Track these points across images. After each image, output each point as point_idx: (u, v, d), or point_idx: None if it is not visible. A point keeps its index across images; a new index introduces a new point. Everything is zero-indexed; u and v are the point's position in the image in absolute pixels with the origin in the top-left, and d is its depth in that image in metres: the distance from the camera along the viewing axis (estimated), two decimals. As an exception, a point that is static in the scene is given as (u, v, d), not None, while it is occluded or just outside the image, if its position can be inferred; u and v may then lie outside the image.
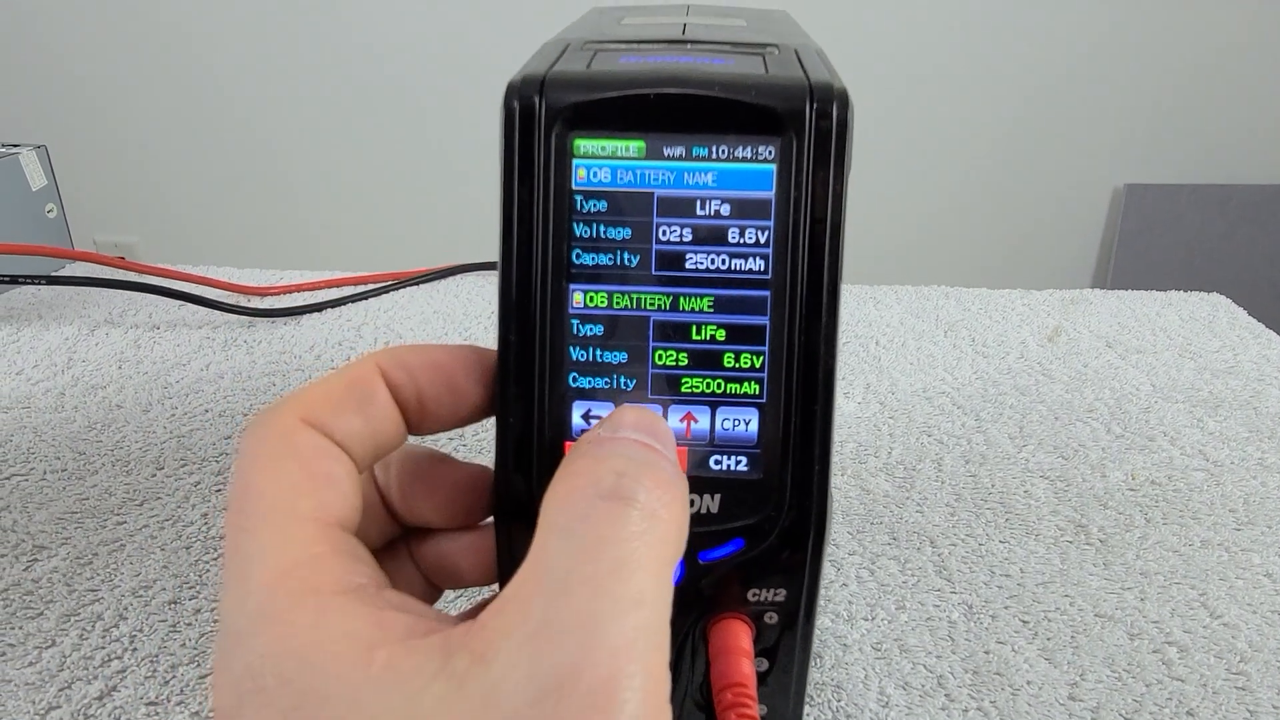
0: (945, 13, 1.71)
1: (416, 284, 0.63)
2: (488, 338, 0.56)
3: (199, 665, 0.31)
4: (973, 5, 1.71)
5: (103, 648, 0.32)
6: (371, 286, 0.62)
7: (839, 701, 0.30)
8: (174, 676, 0.30)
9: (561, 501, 0.16)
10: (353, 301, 0.60)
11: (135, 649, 0.32)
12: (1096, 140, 1.80)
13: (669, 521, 0.16)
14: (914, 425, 0.47)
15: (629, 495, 0.16)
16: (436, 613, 0.17)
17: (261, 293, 0.61)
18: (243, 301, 0.59)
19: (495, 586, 0.20)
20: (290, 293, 0.61)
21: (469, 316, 0.59)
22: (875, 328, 0.58)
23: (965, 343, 0.56)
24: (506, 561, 0.19)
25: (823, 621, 0.34)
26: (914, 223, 1.86)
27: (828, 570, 0.36)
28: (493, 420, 0.19)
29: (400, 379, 0.19)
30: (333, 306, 0.60)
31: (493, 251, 0.64)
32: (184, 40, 1.79)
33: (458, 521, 0.21)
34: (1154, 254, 1.84)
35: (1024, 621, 0.34)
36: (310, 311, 0.59)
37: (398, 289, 0.63)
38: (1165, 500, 0.41)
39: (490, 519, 0.20)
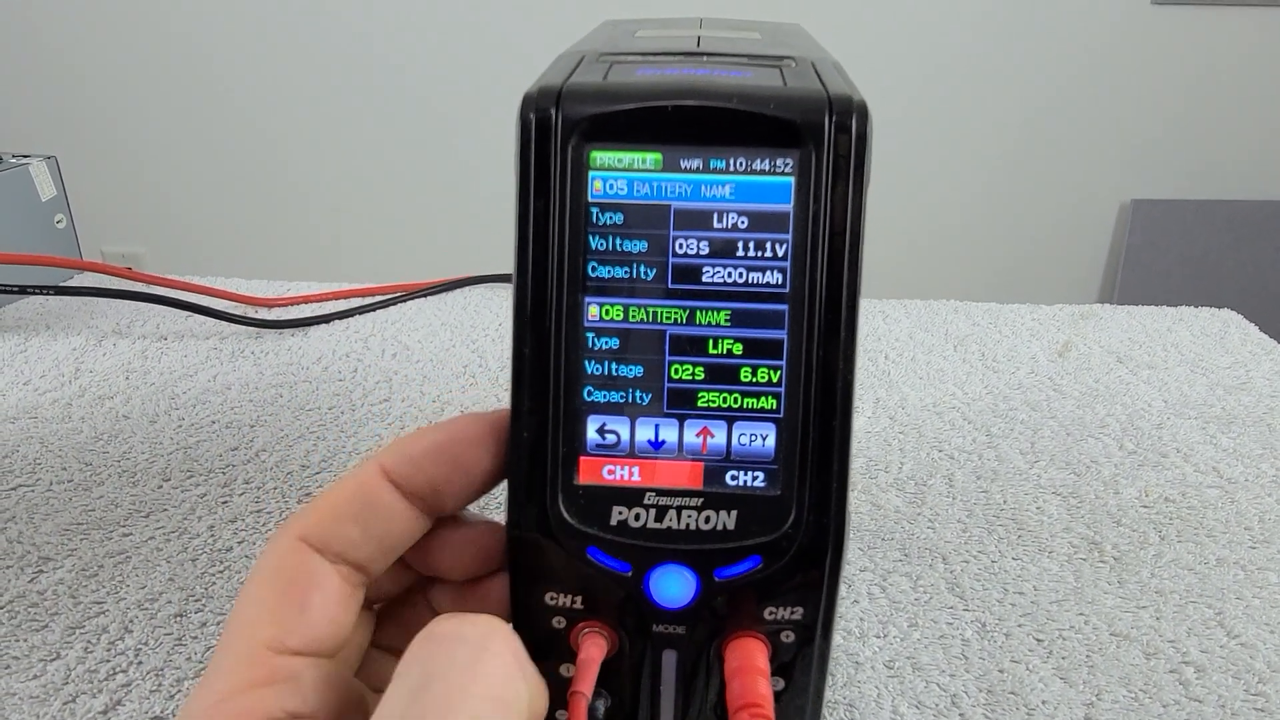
0: (954, 28, 1.72)
1: (424, 296, 0.63)
2: (495, 349, 0.56)
3: (204, 679, 0.31)
4: (981, 21, 1.71)
5: (108, 661, 0.31)
6: (379, 298, 0.62)
7: (851, 720, 0.30)
8: (179, 690, 0.30)
9: (405, 654, 0.16)
10: (360, 313, 0.60)
11: (140, 662, 0.31)
12: (1103, 156, 1.80)
13: (500, 654, 0.16)
14: (924, 440, 0.47)
15: (457, 635, 0.16)
16: None
17: (269, 304, 0.61)
18: (250, 312, 0.59)
19: None
20: (298, 304, 0.61)
21: (476, 328, 0.59)
22: (884, 341, 0.58)
23: (975, 357, 0.56)
24: (520, 604, 0.19)
25: (834, 639, 0.33)
26: (921, 237, 1.86)
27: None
28: None
29: (406, 473, 0.19)
30: (340, 318, 0.60)
31: (500, 264, 0.63)
32: (191, 52, 1.80)
33: (469, 575, 0.20)
34: (1160, 269, 1.84)
35: (1038, 640, 0.33)
36: (318, 323, 0.59)
37: (405, 300, 0.63)
38: (1179, 517, 0.40)
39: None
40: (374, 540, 0.19)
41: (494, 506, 0.32)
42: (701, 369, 0.18)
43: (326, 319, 0.59)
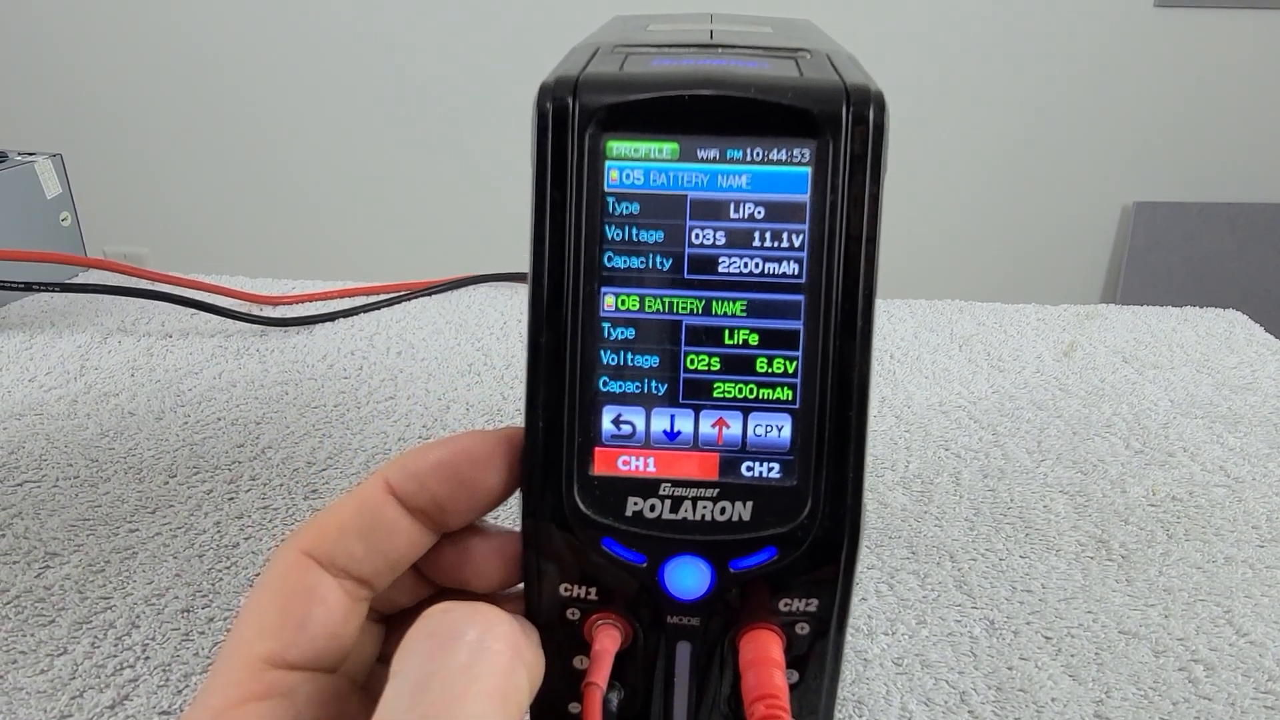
0: (958, 31, 1.72)
1: (429, 294, 0.63)
2: (500, 348, 0.56)
3: (212, 674, 0.31)
4: (985, 24, 1.71)
5: (115, 656, 0.31)
6: (384, 296, 0.62)
7: (860, 718, 0.30)
8: (187, 685, 0.30)
9: (400, 647, 0.16)
10: (365, 311, 0.60)
11: (148, 657, 0.31)
12: (1106, 158, 1.80)
13: (501, 653, 0.16)
14: (930, 439, 0.47)
15: (456, 631, 0.16)
16: None
17: (274, 301, 0.61)
18: (255, 310, 0.59)
19: None
20: (303, 302, 0.61)
21: (481, 327, 0.59)
22: (889, 341, 0.58)
23: (980, 357, 0.56)
24: (534, 595, 0.19)
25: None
26: (925, 238, 1.86)
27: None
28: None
29: (411, 489, 0.19)
30: (345, 316, 0.60)
31: (505, 263, 0.63)
32: (195, 51, 1.80)
33: (494, 587, 0.20)
34: (1163, 271, 1.84)
35: (1047, 638, 0.33)
36: (323, 321, 0.59)
37: (410, 299, 0.63)
38: (1187, 516, 0.40)
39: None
40: (378, 555, 0.19)
41: (506, 517, 0.32)
42: (717, 359, 0.18)
43: (331, 317, 0.59)
